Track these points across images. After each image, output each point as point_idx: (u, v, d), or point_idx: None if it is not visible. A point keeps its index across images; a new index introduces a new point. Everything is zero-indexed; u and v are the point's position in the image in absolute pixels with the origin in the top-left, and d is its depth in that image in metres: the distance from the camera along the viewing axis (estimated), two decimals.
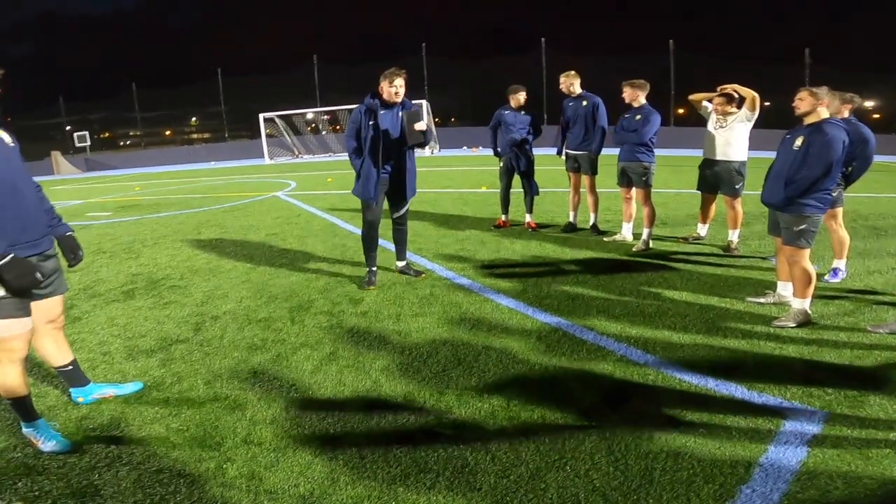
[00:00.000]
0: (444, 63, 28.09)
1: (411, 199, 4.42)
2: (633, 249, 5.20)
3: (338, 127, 26.38)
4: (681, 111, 24.09)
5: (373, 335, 3.44)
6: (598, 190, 5.98)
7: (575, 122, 5.84)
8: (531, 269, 4.73)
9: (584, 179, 5.96)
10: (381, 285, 4.41)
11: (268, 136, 24.53)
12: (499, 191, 6.39)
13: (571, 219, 6.23)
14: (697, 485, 1.94)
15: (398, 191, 4.32)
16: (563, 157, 6.15)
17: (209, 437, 2.41)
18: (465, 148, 24.57)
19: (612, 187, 5.82)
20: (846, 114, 4.12)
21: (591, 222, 6.05)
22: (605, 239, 5.68)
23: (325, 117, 26.76)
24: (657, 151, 5.35)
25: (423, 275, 4.57)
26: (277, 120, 24.88)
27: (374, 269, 4.47)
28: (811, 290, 3.30)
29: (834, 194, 3.88)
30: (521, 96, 5.97)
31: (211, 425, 2.50)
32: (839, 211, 4.25)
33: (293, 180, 13.70)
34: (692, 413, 2.41)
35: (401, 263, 4.67)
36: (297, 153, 25.13)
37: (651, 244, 5.28)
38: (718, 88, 5.05)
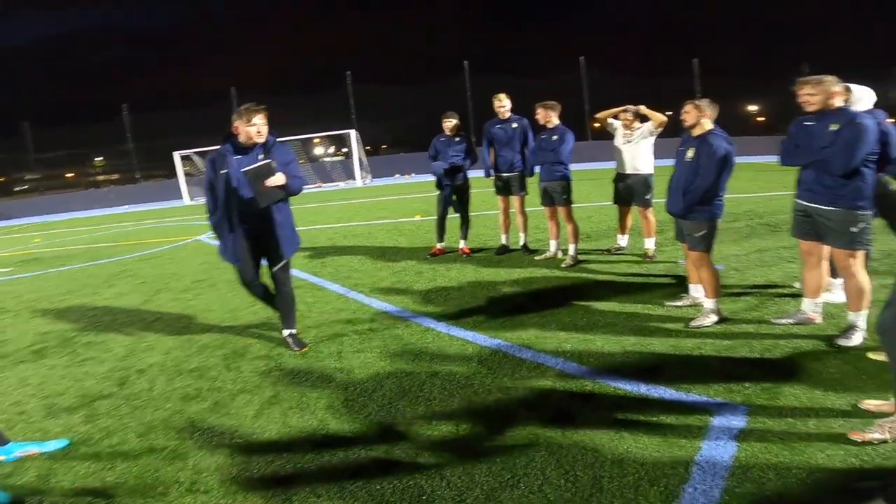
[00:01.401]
0: (371, 91, 28.36)
1: (292, 255, 3.75)
2: (563, 265, 5.47)
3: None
4: (596, 125, 25.86)
5: (315, 375, 3.36)
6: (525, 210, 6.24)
7: (505, 145, 6.00)
8: (468, 294, 4.83)
9: (515, 201, 6.20)
10: (320, 324, 4.32)
11: (186, 174, 23.31)
12: (434, 218, 6.49)
13: (503, 241, 6.44)
14: (644, 488, 2.03)
15: (270, 247, 3.63)
16: (493, 179, 6.29)
17: (151, 487, 2.32)
18: (397, 176, 24.73)
19: (536, 205, 6.10)
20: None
21: (521, 242, 6.29)
22: (535, 258, 5.92)
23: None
24: (577, 166, 5.69)
25: (307, 347, 3.79)
26: (195, 157, 23.72)
27: (292, 331, 3.86)
28: (718, 289, 3.63)
29: None
30: (452, 122, 6.11)
31: (151, 476, 2.40)
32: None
33: None
34: (630, 418, 2.56)
35: (285, 332, 3.84)
36: None
37: (579, 258, 5.57)
38: (625, 106, 5.48)
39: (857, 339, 3.10)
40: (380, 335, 3.95)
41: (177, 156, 22.94)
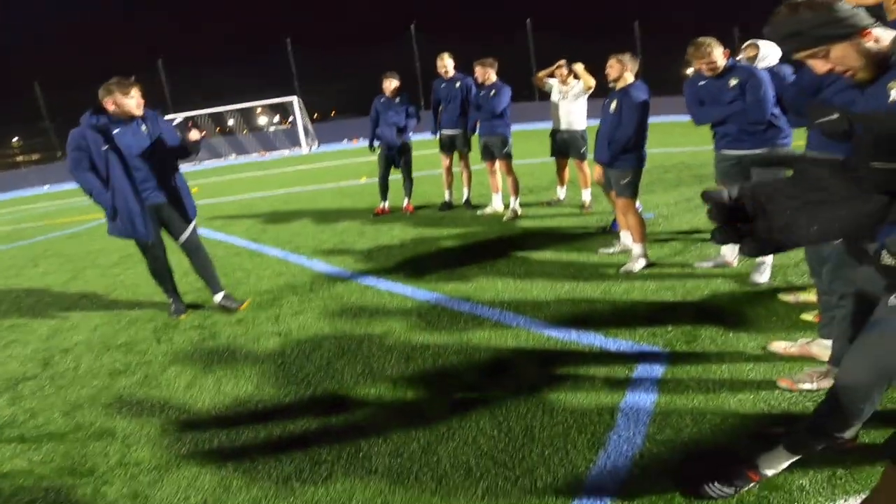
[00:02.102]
0: (315, 56, 27.02)
1: (195, 217, 3.75)
2: (504, 219, 5.53)
3: (203, 133, 24.22)
4: (537, 84, 25.89)
5: (250, 340, 3.30)
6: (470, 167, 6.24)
7: (449, 103, 5.96)
8: (410, 251, 4.82)
9: (459, 156, 6.18)
10: (258, 290, 4.22)
11: None
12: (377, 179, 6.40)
13: (447, 198, 6.44)
14: (573, 436, 2.10)
15: (173, 215, 3.63)
16: (437, 138, 6.27)
17: (78, 465, 2.28)
18: (345, 141, 24.05)
19: (479, 163, 6.10)
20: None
21: (464, 198, 6.31)
22: (478, 213, 5.95)
23: (179, 121, 24.43)
24: (523, 126, 5.70)
25: (246, 302, 3.91)
26: None
27: (177, 295, 3.89)
28: (644, 234, 3.78)
29: None
30: (393, 83, 5.98)
31: (78, 454, 2.35)
32: None
33: None
34: (561, 366, 2.64)
35: (218, 297, 3.86)
36: None
37: (520, 211, 5.64)
38: (557, 63, 5.52)
39: (766, 274, 3.33)
40: (319, 296, 3.90)
41: None
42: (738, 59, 3.37)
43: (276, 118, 31.70)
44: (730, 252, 3.68)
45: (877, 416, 1.57)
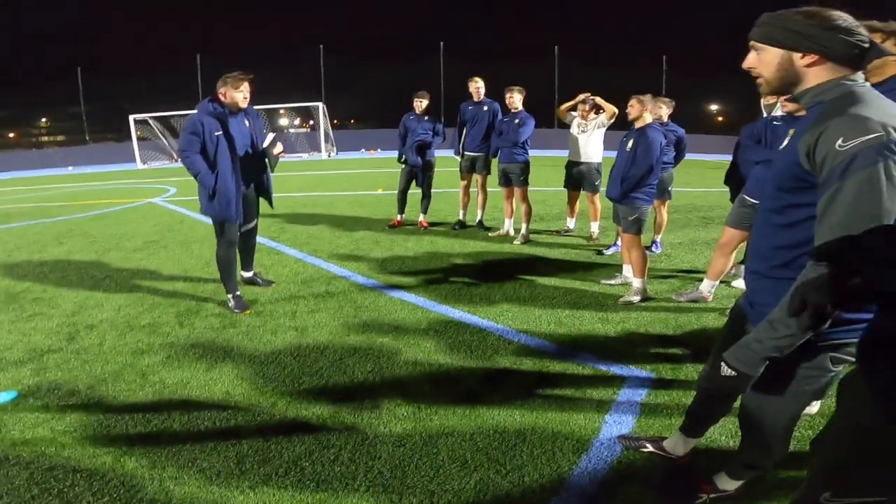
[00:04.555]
0: (344, 65, 27.64)
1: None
2: (514, 243, 5.76)
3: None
4: (559, 115, 26.24)
5: (268, 332, 3.51)
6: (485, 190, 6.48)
7: (474, 125, 6.22)
8: (423, 264, 5.05)
9: (478, 179, 6.43)
10: (275, 287, 4.45)
11: (139, 139, 22.36)
12: (396, 192, 6.65)
13: (461, 217, 6.69)
14: (560, 441, 2.31)
15: (255, 203, 4.13)
16: (459, 158, 6.52)
17: (100, 435, 2.40)
18: (363, 150, 24.48)
19: (495, 186, 6.35)
20: (665, 117, 5.03)
21: (477, 219, 6.55)
22: (489, 234, 6.19)
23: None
24: (541, 152, 5.96)
25: (275, 283, 4.49)
26: (152, 122, 22.75)
27: (238, 292, 4.02)
28: (645, 269, 3.99)
29: (670, 188, 4.91)
30: (423, 102, 6.25)
31: (100, 425, 2.49)
32: (667, 201, 5.33)
33: (173, 186, 12.77)
34: (555, 381, 2.85)
35: (249, 273, 4.45)
36: (175, 157, 23.25)
37: (529, 237, 5.87)
38: (581, 96, 5.74)
39: None
40: (334, 298, 4.12)
41: (132, 119, 21.91)
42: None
43: (297, 121, 32.32)
44: (708, 288, 3.90)
45: None
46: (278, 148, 4.04)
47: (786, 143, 1.39)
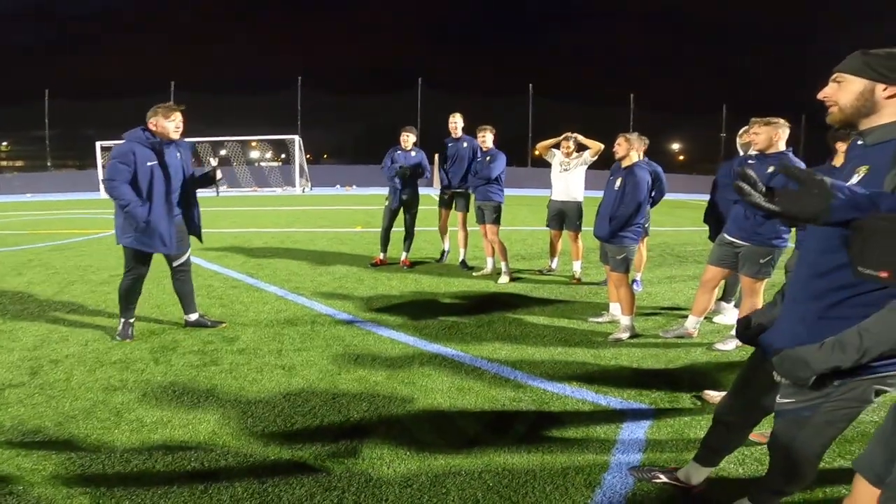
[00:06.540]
0: (320, 98, 27.70)
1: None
2: (498, 282, 5.76)
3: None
4: (536, 153, 26.90)
5: (254, 370, 3.35)
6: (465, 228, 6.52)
7: (454, 162, 6.29)
8: (408, 302, 4.98)
9: (458, 217, 6.48)
10: (258, 323, 4.28)
11: (105, 167, 21.68)
12: (378, 230, 6.60)
13: (444, 247, 6.76)
14: (571, 476, 2.27)
15: (184, 236, 3.98)
16: (439, 195, 6.55)
17: (73, 475, 2.24)
18: (338, 186, 24.37)
19: (474, 224, 6.41)
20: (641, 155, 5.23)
21: (460, 258, 6.54)
22: (473, 274, 6.18)
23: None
24: (516, 191, 6.08)
25: (224, 324, 4.22)
26: None
27: (132, 320, 3.95)
28: (633, 307, 4.04)
29: (647, 225, 5.07)
30: (410, 137, 6.30)
31: (73, 464, 2.31)
32: (646, 239, 5.50)
33: None
34: (557, 416, 2.81)
35: (193, 316, 4.15)
36: None
37: (512, 275, 5.89)
38: (565, 135, 5.88)
39: (732, 343, 3.76)
40: (321, 336, 3.99)
41: (98, 146, 21.34)
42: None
43: (269, 153, 32.07)
44: (693, 324, 3.99)
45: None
46: (219, 174, 4.17)
47: (854, 180, 1.41)
